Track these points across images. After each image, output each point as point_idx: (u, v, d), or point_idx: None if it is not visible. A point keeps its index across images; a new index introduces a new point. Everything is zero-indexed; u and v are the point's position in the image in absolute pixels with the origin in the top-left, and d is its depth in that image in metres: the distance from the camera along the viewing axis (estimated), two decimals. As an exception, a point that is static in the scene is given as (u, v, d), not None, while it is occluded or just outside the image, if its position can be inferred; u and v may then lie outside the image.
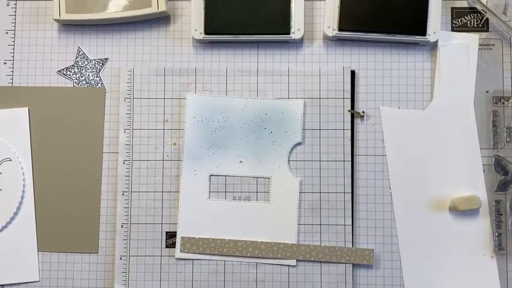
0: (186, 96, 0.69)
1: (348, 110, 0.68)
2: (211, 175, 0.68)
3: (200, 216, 0.67)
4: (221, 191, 0.68)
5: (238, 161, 0.68)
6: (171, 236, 0.68)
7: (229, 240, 0.67)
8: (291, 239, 0.67)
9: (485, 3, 0.68)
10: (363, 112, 0.68)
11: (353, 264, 0.66)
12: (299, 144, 0.68)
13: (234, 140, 0.68)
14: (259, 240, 0.67)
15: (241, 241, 0.67)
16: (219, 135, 0.68)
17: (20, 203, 0.69)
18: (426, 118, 0.68)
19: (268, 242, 0.66)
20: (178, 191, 0.68)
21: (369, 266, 0.67)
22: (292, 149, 0.68)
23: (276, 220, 0.67)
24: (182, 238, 0.67)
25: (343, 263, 0.66)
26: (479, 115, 0.68)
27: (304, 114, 0.68)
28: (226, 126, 0.68)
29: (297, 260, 0.67)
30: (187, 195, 0.68)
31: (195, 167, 0.68)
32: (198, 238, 0.67)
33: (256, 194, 0.68)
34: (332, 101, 0.69)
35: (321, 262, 0.66)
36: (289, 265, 0.67)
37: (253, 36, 0.68)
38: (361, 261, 0.66)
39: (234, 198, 0.68)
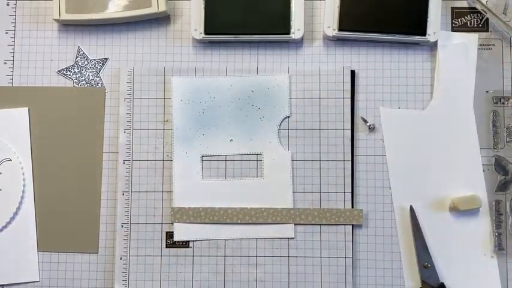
0: (172, 80, 0.69)
1: (361, 118, 0.68)
2: (203, 156, 0.68)
3: (195, 197, 0.68)
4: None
5: (229, 140, 0.68)
6: (171, 236, 0.68)
7: (220, 208, 0.67)
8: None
9: (485, 3, 0.68)
10: (374, 125, 0.68)
11: (352, 259, 0.66)
12: (288, 117, 0.68)
13: (222, 120, 0.68)
14: (249, 207, 0.67)
15: (231, 208, 0.67)
16: (208, 116, 0.68)
17: (20, 203, 0.69)
18: (426, 118, 0.68)
19: (258, 208, 0.67)
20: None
21: (370, 267, 0.67)
22: (282, 123, 0.68)
23: (270, 194, 0.68)
24: (173, 209, 0.67)
25: (334, 224, 0.66)
26: (479, 115, 0.68)
27: (304, 113, 0.69)
28: (214, 106, 0.68)
29: (297, 260, 0.67)
30: (181, 178, 0.68)
31: (186, 149, 0.68)
32: (188, 208, 0.67)
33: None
34: (332, 101, 0.69)
35: (320, 257, 0.66)
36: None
37: (253, 36, 0.68)
38: (351, 222, 0.66)
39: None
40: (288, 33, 0.68)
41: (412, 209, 0.67)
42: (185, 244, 0.68)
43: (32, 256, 0.68)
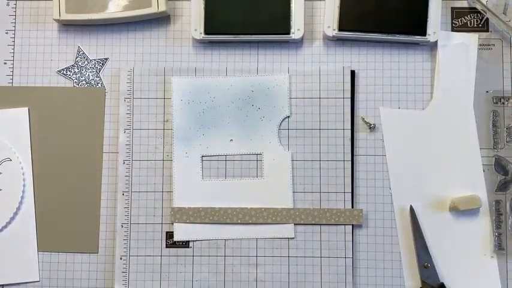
0: (172, 80, 0.69)
1: (362, 118, 0.68)
2: (203, 156, 0.68)
3: (195, 197, 0.68)
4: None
5: (229, 140, 0.68)
6: (171, 236, 0.68)
7: (220, 208, 0.67)
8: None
9: (485, 3, 0.68)
10: (374, 124, 0.68)
11: (352, 259, 0.66)
12: (288, 117, 0.68)
13: (222, 120, 0.68)
14: (249, 207, 0.67)
15: (231, 208, 0.67)
16: (208, 116, 0.69)
17: (20, 203, 0.69)
18: (426, 118, 0.68)
19: (258, 208, 0.67)
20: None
21: (370, 267, 0.67)
22: (282, 123, 0.68)
23: (270, 194, 0.68)
24: (173, 209, 0.67)
25: (334, 224, 0.66)
26: (479, 115, 0.68)
27: (304, 113, 0.69)
28: (214, 106, 0.69)
29: (297, 260, 0.67)
30: (181, 178, 0.68)
31: (186, 149, 0.68)
32: (188, 208, 0.67)
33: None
34: (332, 101, 0.69)
35: (320, 257, 0.66)
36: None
37: (253, 36, 0.68)
38: (351, 222, 0.66)
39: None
40: (288, 33, 0.68)
41: (412, 209, 0.67)
42: (185, 244, 0.68)
43: (32, 256, 0.68)
